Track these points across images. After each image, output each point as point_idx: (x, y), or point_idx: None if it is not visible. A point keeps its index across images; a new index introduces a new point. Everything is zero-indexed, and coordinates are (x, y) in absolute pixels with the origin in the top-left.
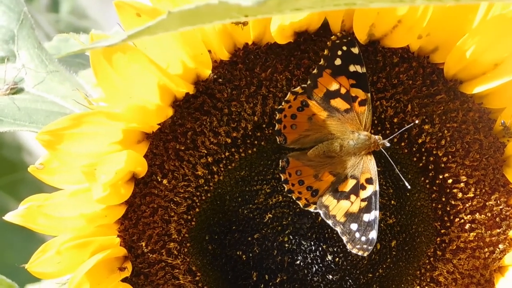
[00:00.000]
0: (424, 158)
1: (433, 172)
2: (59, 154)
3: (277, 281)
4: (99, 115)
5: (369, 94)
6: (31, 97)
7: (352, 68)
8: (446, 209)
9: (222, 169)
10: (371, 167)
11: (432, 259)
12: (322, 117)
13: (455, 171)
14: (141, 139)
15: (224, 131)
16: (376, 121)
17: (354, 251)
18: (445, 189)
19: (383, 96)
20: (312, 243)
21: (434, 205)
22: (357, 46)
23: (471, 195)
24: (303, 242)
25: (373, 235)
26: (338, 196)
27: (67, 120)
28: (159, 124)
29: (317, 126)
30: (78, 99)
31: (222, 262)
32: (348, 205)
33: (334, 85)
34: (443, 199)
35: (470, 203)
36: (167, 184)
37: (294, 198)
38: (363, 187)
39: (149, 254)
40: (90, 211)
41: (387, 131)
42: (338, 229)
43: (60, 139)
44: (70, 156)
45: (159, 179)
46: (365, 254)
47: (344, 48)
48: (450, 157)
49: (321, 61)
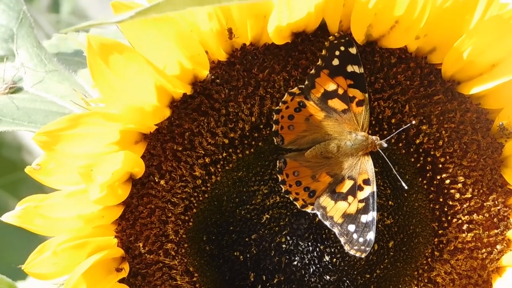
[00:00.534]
0: (421, 158)
1: (430, 173)
2: (56, 155)
3: (275, 281)
4: (96, 116)
5: (367, 95)
6: (30, 96)
7: (349, 68)
8: (444, 210)
9: (220, 169)
10: (368, 168)
11: (429, 259)
12: (319, 117)
13: (453, 171)
14: (138, 139)
15: (221, 131)
16: (373, 122)
17: (352, 252)
18: (443, 190)
19: (380, 96)
20: (310, 243)
21: (431, 205)
22: (355, 46)
23: (468, 195)
24: (300, 242)
25: (370, 236)
26: (335, 197)
27: (64, 121)
28: (156, 125)
29: (314, 127)
30: (77, 99)
31: (220, 263)
32: (345, 206)
33: (332, 85)
34: (441, 199)
35: (467, 204)
36: (164, 185)
37: (292, 199)
38: (360, 188)
39: (146, 254)
40: (87, 212)
41: (385, 132)
42: (336, 230)
43: (57, 140)
44: (67, 157)
45: (157, 180)
46: (363, 255)
47: (342, 48)
48: (447, 157)
49: (318, 61)
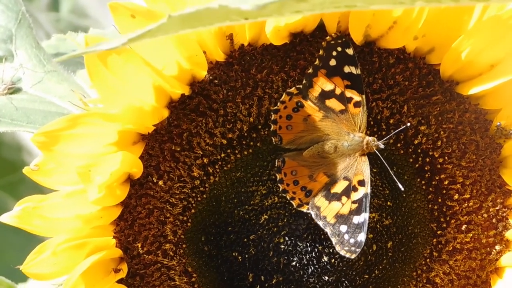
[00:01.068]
0: (420, 159)
1: (429, 173)
2: (54, 155)
3: (273, 282)
4: (94, 116)
5: (364, 96)
6: (29, 97)
7: (347, 69)
8: (443, 210)
9: (218, 170)
10: (364, 169)
11: (428, 260)
12: (317, 117)
13: (452, 172)
14: (136, 140)
15: (219, 132)
16: (372, 122)
17: (342, 252)
18: (442, 190)
19: (379, 97)
20: (308, 244)
21: (430, 206)
22: (351, 47)
23: (467, 196)
24: (299, 243)
25: (361, 237)
26: (330, 197)
27: (62, 122)
28: (154, 125)
29: (312, 127)
30: (75, 100)
31: (218, 263)
32: (339, 206)
33: (329, 85)
34: (439, 200)
35: (466, 204)
36: (162, 185)
37: (288, 198)
38: (355, 189)
39: (144, 255)
40: (86, 212)
41: (383, 132)
42: (328, 230)
43: (55, 140)
44: (65, 158)
45: (155, 180)
46: (352, 256)
47: (339, 49)
48: (446, 158)
49: (316, 61)
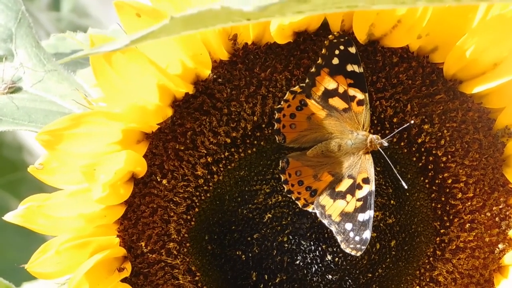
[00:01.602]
0: (423, 157)
1: (432, 172)
2: (58, 154)
3: (277, 281)
4: (98, 115)
5: (367, 94)
6: (29, 96)
7: (349, 67)
8: (446, 209)
9: (222, 169)
10: (368, 167)
11: (431, 258)
12: (321, 116)
13: (455, 170)
14: (140, 139)
15: (223, 131)
16: (375, 121)
17: (347, 250)
18: (445, 189)
19: (382, 96)
20: (312, 243)
21: (433, 204)
22: (354, 45)
23: (470, 194)
24: (302, 242)
25: (367, 235)
26: (334, 195)
27: (66, 120)
28: (158, 124)
29: (316, 125)
30: (77, 98)
31: (222, 262)
32: (344, 204)
33: (332, 84)
34: (443, 198)
35: (469, 203)
36: (166, 184)
37: (293, 198)
38: (359, 187)
39: (148, 254)
40: (90, 211)
41: (387, 131)
42: (333, 229)
43: (59, 139)
44: (69, 156)
45: (159, 179)
46: (358, 253)
47: (342, 47)
48: (449, 156)
49: (319, 59)
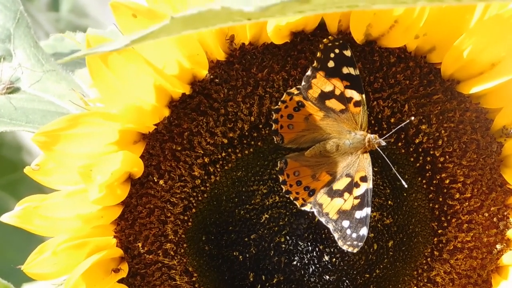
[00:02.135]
0: (421, 158)
1: (430, 172)
2: (55, 155)
3: (274, 281)
4: (95, 115)
5: (364, 96)
6: (27, 96)
7: (345, 70)
8: (443, 209)
9: (219, 169)
10: (366, 166)
11: (429, 259)
12: (318, 117)
13: (452, 171)
14: (137, 139)
15: (220, 131)
16: (373, 121)
17: (344, 247)
18: (442, 189)
19: (380, 96)
20: (309, 243)
21: (431, 205)
22: (349, 48)
23: (468, 195)
24: (300, 242)
25: (364, 231)
26: (332, 194)
27: (63, 121)
28: (155, 125)
29: (313, 126)
30: (75, 99)
31: (219, 263)
32: (341, 202)
33: (328, 86)
34: (440, 199)
35: (467, 203)
36: (163, 185)
37: (292, 198)
38: (357, 185)
39: (145, 255)
40: (87, 212)
41: (384, 131)
42: (330, 226)
43: (56, 140)
44: (66, 157)
45: (156, 180)
46: (355, 250)
47: (337, 50)
48: (447, 157)
49: (314, 63)
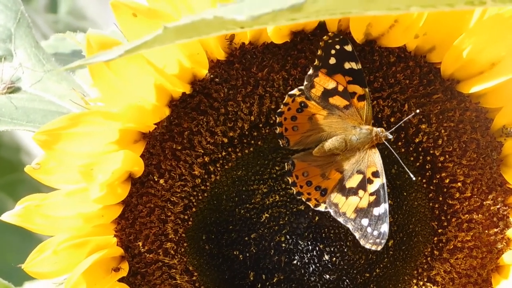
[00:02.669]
0: (421, 157)
1: (430, 172)
2: (56, 154)
3: (274, 280)
4: (95, 115)
5: (367, 89)
6: (28, 96)
7: (347, 65)
8: (443, 209)
9: (219, 168)
10: (376, 160)
11: (429, 258)
12: (322, 115)
13: (452, 170)
14: (137, 139)
15: (220, 130)
16: (373, 121)
17: (367, 246)
18: (442, 189)
19: (380, 95)
20: (309, 242)
21: (431, 204)
22: (349, 43)
23: (468, 194)
24: (300, 241)
25: (384, 228)
26: (346, 192)
27: (63, 120)
28: (155, 124)
29: (318, 125)
30: (75, 98)
31: (219, 262)
32: (357, 200)
33: (331, 83)
34: (440, 198)
35: (467, 203)
36: (163, 184)
37: (304, 199)
38: (370, 181)
39: (146, 254)
40: (87, 211)
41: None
42: (350, 226)
43: (57, 139)
44: (67, 156)
45: (156, 179)
46: (378, 248)
47: (337, 46)
48: (447, 156)
49: (315, 61)
